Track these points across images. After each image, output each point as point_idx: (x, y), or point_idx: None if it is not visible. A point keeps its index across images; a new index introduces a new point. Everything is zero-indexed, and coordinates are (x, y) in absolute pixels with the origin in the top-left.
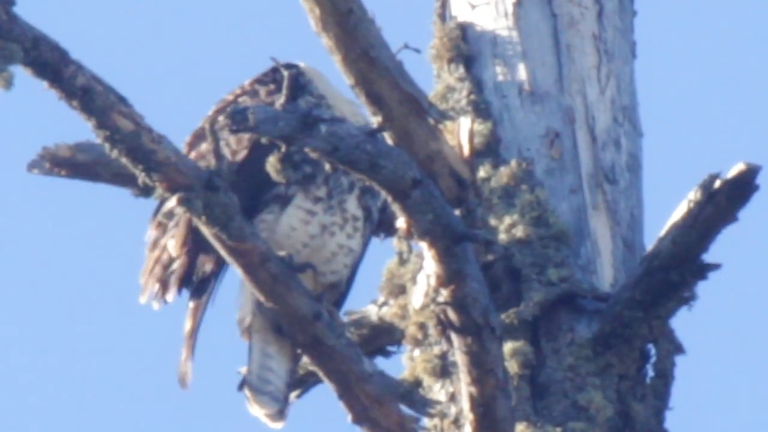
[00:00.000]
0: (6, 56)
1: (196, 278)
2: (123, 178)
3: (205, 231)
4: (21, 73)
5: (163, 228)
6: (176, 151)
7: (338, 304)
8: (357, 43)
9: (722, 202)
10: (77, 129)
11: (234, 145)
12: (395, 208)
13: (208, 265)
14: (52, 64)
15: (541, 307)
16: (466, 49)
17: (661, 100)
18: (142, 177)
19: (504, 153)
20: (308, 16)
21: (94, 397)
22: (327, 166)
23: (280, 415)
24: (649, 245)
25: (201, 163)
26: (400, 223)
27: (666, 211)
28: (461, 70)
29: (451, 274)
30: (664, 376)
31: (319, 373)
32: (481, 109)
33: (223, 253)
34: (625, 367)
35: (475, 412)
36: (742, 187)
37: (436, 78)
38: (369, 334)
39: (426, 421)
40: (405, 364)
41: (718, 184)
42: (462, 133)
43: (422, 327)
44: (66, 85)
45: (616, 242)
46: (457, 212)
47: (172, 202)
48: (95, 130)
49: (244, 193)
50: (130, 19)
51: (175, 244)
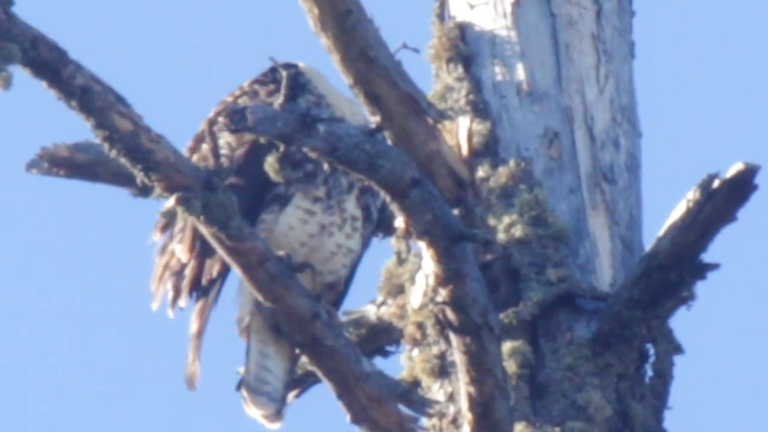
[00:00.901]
0: (5, 56)
1: (205, 281)
2: (122, 178)
3: (204, 231)
4: (20, 73)
5: (168, 231)
6: (175, 151)
7: (337, 303)
8: (356, 42)
9: (721, 202)
10: (76, 129)
11: (234, 144)
12: (394, 207)
13: (216, 267)
14: (51, 64)
15: (539, 306)
16: (465, 48)
17: (659, 100)
18: (140, 177)
19: (503, 153)
20: (307, 15)
21: (94, 397)
22: (326, 166)
23: (278, 415)
24: (648, 245)
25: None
26: (399, 222)
27: (665, 211)
28: (460, 70)
29: (450, 274)
30: (663, 376)
31: (318, 373)
32: (479, 109)
33: (222, 252)
34: (623, 367)
35: (474, 412)
36: (741, 187)
37: (435, 78)
38: (367, 333)
39: (425, 421)
40: (404, 363)
41: (717, 183)
42: (461, 132)
43: (421, 327)
44: (65, 85)
45: (614, 242)
46: (456, 212)
47: (170, 202)
48: (94, 130)
49: (243, 193)
50: (130, 19)
51: (183, 249)
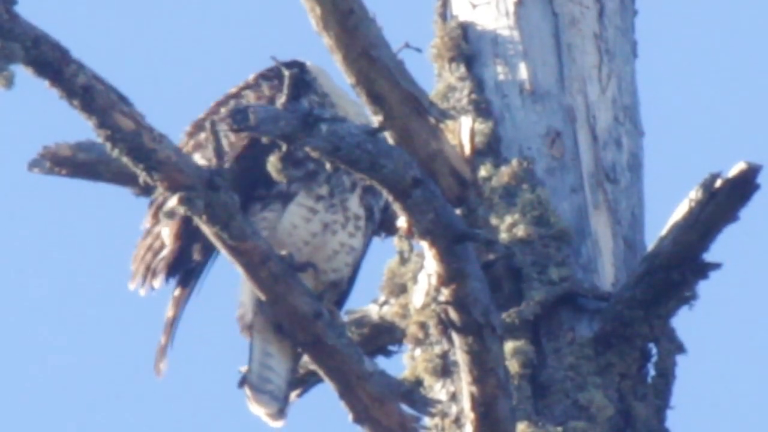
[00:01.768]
0: (7, 55)
1: (185, 267)
2: (124, 178)
3: (206, 230)
4: (22, 73)
5: (157, 218)
6: (177, 151)
7: (339, 303)
8: (358, 42)
9: (723, 202)
10: (78, 128)
11: (232, 138)
12: (396, 207)
13: (196, 254)
14: (53, 64)
15: (542, 306)
16: (467, 48)
17: (662, 99)
18: (142, 176)
19: (505, 152)
20: (309, 15)
21: (93, 397)
22: (328, 166)
23: (281, 414)
24: (650, 244)
25: (199, 153)
26: (401, 222)
27: (667, 211)
28: (462, 70)
29: (452, 274)
30: (665, 376)
31: (320, 373)
32: (482, 109)
33: (224, 252)
34: (626, 367)
35: (476, 412)
36: (743, 187)
37: (437, 77)
38: (370, 333)
39: (427, 421)
40: (406, 363)
41: (719, 183)
42: (463, 132)
43: (423, 326)
44: (67, 84)
45: (617, 241)
46: (458, 211)
47: (173, 202)
48: (96, 129)
49: (239, 189)
50: (131, 19)
51: (169, 233)
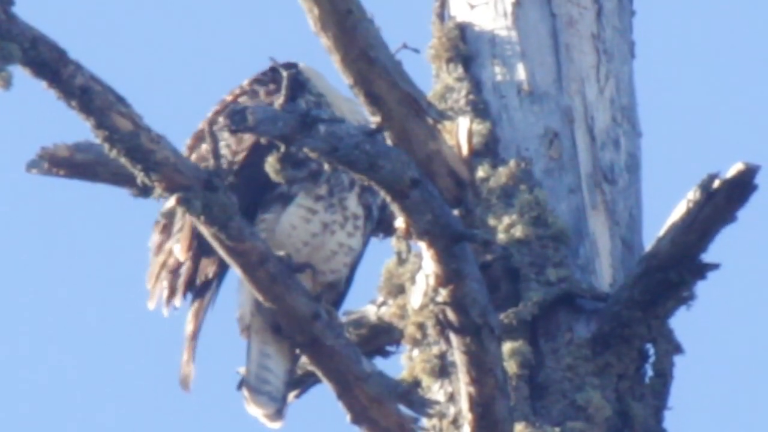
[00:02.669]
0: (5, 56)
1: (200, 281)
2: (122, 178)
3: (204, 231)
4: (20, 73)
5: (167, 231)
6: (175, 151)
7: (337, 303)
8: (356, 43)
9: (721, 202)
10: (76, 129)
11: (234, 146)
12: (394, 207)
13: (211, 268)
14: (51, 64)
15: (539, 307)
16: (465, 49)
17: (660, 99)
18: (140, 177)
19: (503, 153)
20: (307, 15)
21: (93, 397)
22: (326, 166)
23: (279, 415)
24: (648, 245)
25: (202, 165)
26: (399, 222)
27: (665, 211)
28: (460, 70)
29: (450, 274)
30: (663, 376)
31: (318, 373)
32: (479, 109)
33: (222, 252)
34: (623, 367)
35: (474, 412)
36: (741, 187)
37: (435, 78)
38: (368, 333)
39: (425, 421)
40: (404, 364)
41: (717, 183)
42: (461, 133)
43: (421, 327)
44: (65, 84)
45: (614, 242)
46: (456, 212)
47: (170, 202)
48: (94, 129)
49: (244, 194)
50: (130, 19)
51: (181, 248)
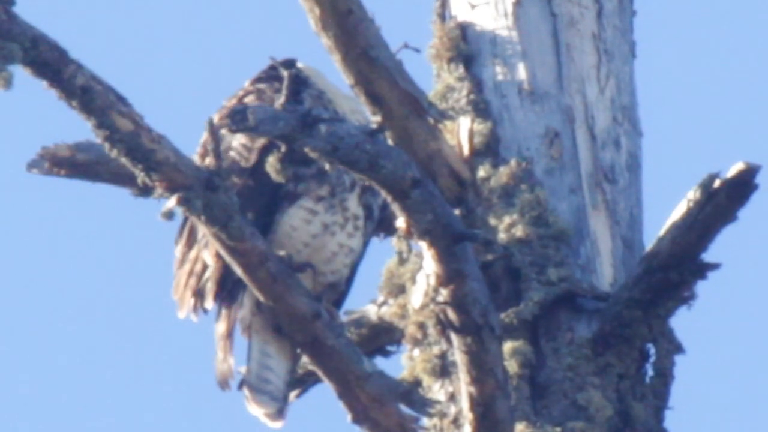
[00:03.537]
0: (5, 56)
1: (230, 282)
2: (123, 178)
3: (205, 230)
4: (20, 73)
5: (189, 243)
6: (175, 151)
7: (338, 303)
8: (357, 42)
9: (722, 202)
10: (77, 129)
11: (245, 153)
12: (395, 207)
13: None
14: (52, 64)
15: (540, 306)
16: (466, 48)
17: (660, 99)
18: (141, 177)
19: (503, 152)
20: (308, 15)
21: (93, 397)
22: (327, 166)
23: (280, 414)
24: (649, 245)
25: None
26: (400, 222)
27: (665, 211)
28: (461, 70)
29: (451, 274)
30: (664, 376)
31: (319, 373)
32: (480, 109)
33: (223, 252)
34: (624, 367)
35: (475, 412)
36: (742, 187)
37: (436, 77)
38: (368, 333)
39: (425, 421)
40: (404, 363)
41: (717, 183)
42: (462, 132)
43: (422, 327)
44: (65, 84)
45: (615, 242)
46: (457, 212)
47: (171, 202)
48: (95, 129)
49: (260, 196)
50: (130, 19)
51: (210, 253)
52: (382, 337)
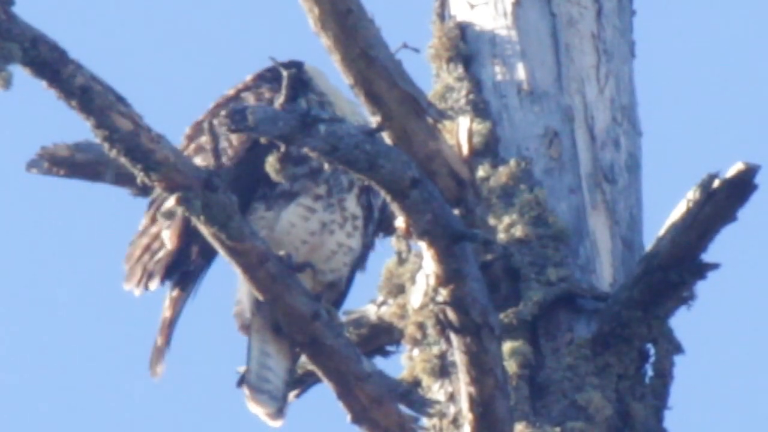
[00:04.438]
0: (5, 56)
1: (185, 269)
2: (122, 178)
3: (204, 230)
4: (20, 73)
5: (155, 219)
6: (175, 151)
7: (337, 303)
8: (356, 42)
9: (721, 202)
10: (76, 128)
11: (234, 141)
12: (394, 207)
13: (195, 257)
14: (51, 64)
15: (540, 306)
16: (465, 48)
17: (660, 99)
18: (140, 176)
19: (503, 152)
20: (307, 15)
21: (93, 397)
22: (326, 166)
23: (279, 413)
24: (648, 245)
25: (200, 156)
26: (399, 222)
27: (665, 211)
28: (460, 70)
29: (450, 274)
30: (663, 376)
31: (318, 373)
32: (479, 109)
33: (222, 252)
34: (624, 367)
35: (474, 412)
36: (741, 187)
37: (435, 77)
38: (368, 333)
39: (425, 421)
40: (404, 363)
41: (717, 183)
42: (461, 132)
43: (421, 327)
44: (65, 84)
45: (615, 242)
46: (456, 212)
47: (170, 202)
48: (94, 129)
49: (240, 191)
50: (130, 19)
51: (171, 236)
52: (382, 337)
